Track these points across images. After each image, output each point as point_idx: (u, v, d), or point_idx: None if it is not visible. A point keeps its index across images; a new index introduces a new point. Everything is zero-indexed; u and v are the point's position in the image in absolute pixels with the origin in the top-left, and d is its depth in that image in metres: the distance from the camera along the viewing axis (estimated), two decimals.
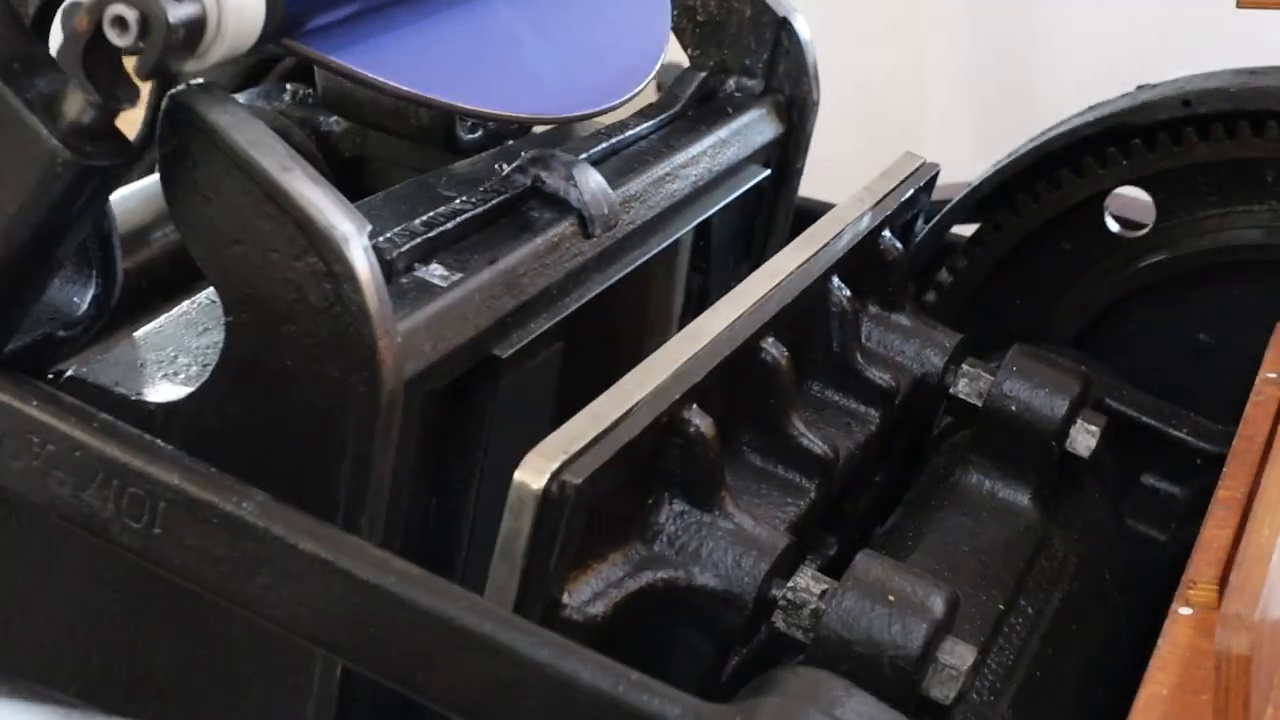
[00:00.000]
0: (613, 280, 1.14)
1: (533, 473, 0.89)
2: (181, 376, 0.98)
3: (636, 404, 0.97)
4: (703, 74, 1.36)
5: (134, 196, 1.26)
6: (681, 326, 1.33)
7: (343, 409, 0.89)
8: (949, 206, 1.54)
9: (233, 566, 0.89)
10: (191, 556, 0.90)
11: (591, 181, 1.11)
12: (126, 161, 0.91)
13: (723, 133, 1.31)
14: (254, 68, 1.62)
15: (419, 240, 1.01)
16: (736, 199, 1.33)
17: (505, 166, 1.13)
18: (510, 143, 1.34)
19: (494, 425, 1.04)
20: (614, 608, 0.96)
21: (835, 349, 1.22)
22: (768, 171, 1.38)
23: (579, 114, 1.11)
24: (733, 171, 1.32)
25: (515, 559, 0.90)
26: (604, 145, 1.22)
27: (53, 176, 0.88)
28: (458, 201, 1.08)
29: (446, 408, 1.02)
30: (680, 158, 1.25)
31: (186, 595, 0.93)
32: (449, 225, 1.04)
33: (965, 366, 1.30)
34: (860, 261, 1.27)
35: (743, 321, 1.09)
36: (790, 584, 1.00)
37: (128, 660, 1.03)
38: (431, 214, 1.05)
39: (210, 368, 0.93)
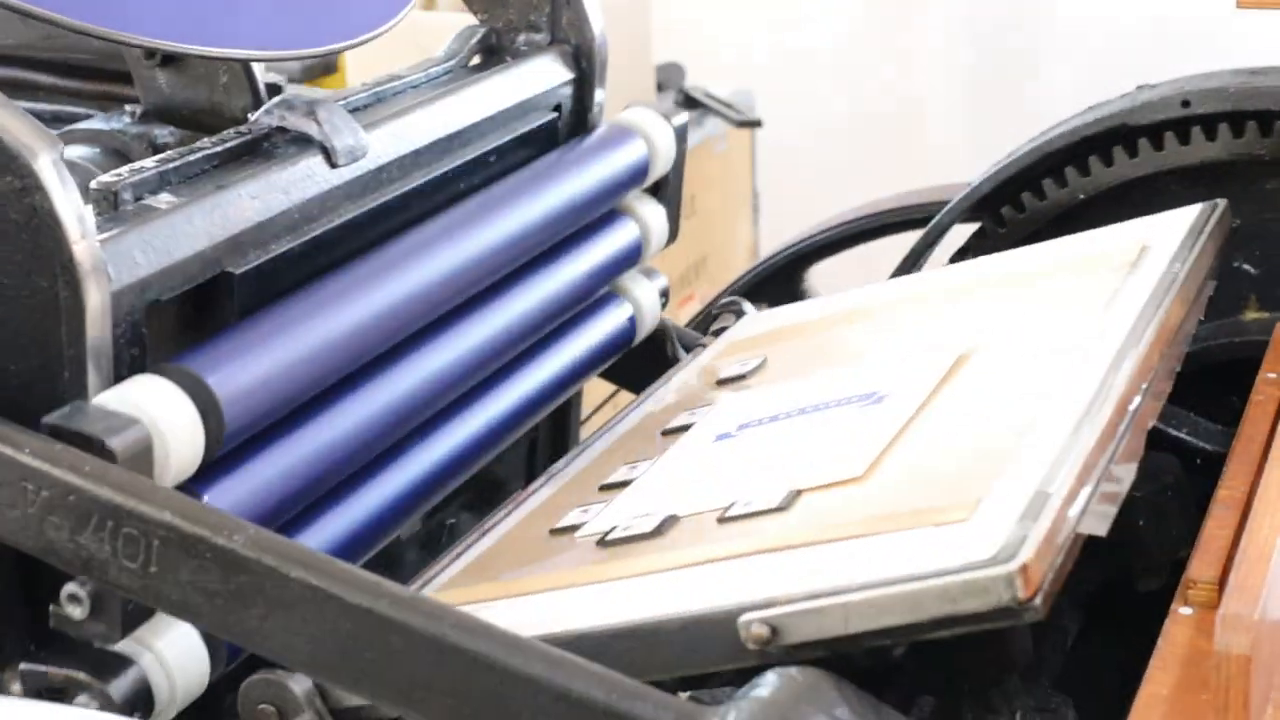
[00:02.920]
0: (369, 208, 1.18)
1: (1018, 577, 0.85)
2: None
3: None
4: (482, 30, 1.42)
5: None
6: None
7: (55, 319, 0.94)
8: (949, 206, 1.54)
9: (227, 600, 0.90)
10: (188, 593, 0.91)
11: (334, 116, 1.16)
12: None
13: (499, 79, 1.35)
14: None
15: (149, 174, 1.06)
16: (521, 140, 1.37)
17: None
18: None
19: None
20: None
21: None
22: (554, 114, 1.41)
23: (304, 52, 1.18)
24: (514, 114, 1.36)
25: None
26: (368, 94, 1.27)
27: None
28: (199, 143, 1.13)
29: (187, 324, 1.06)
30: (452, 100, 1.29)
31: None
32: (180, 161, 1.09)
33: None
34: None
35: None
36: None
37: None
38: (169, 154, 1.10)
39: None
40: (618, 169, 1.41)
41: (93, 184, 1.03)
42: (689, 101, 3.20)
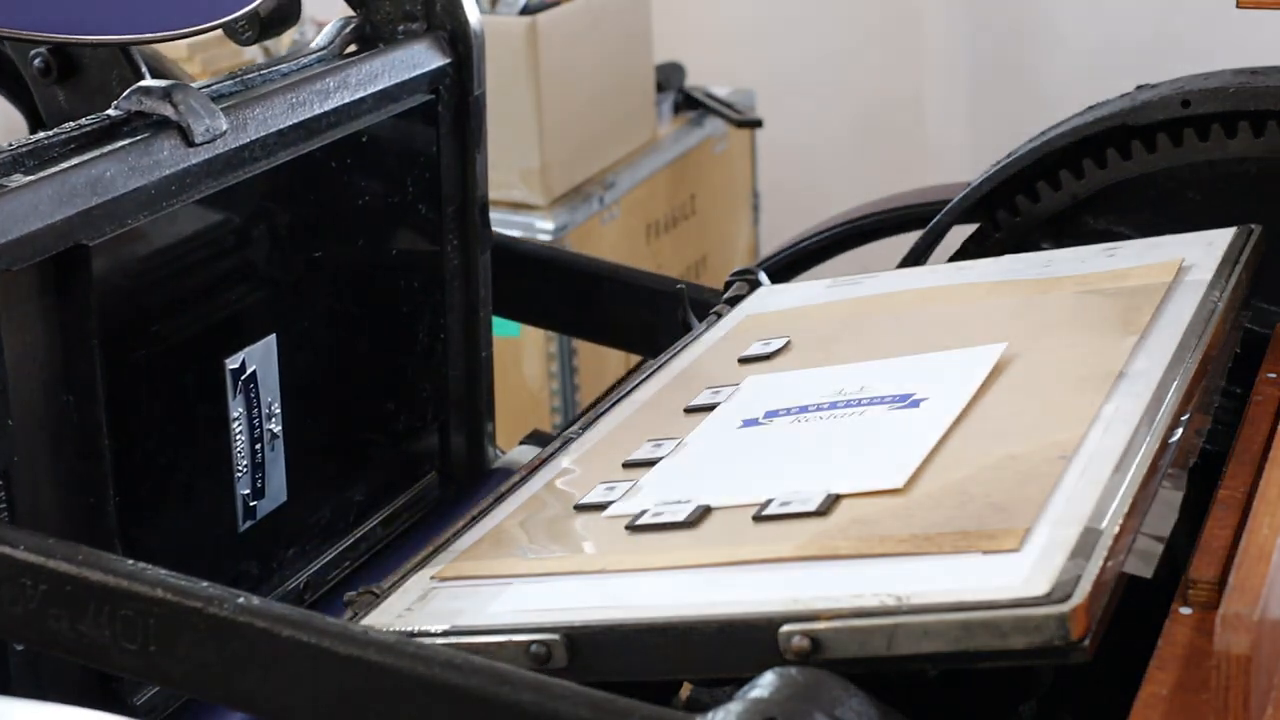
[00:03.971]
0: (229, 184, 1.23)
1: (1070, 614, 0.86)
2: None
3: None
4: (356, 20, 1.45)
5: None
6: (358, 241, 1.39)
7: None
8: (948, 206, 1.54)
9: (225, 667, 0.92)
10: (188, 667, 0.93)
11: (190, 98, 1.20)
12: None
13: (368, 64, 1.39)
14: None
15: (2, 157, 1.10)
16: (395, 120, 1.41)
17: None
18: None
19: (100, 313, 1.11)
20: None
21: None
22: (430, 97, 1.45)
23: (179, 32, 1.22)
24: (387, 96, 1.39)
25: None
26: (233, 81, 1.31)
27: None
28: (58, 129, 1.16)
29: (45, 292, 1.10)
30: (318, 84, 1.33)
31: None
32: (35, 145, 1.13)
33: None
34: None
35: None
36: None
37: None
38: (25, 139, 1.14)
39: None
40: None
41: None
42: (689, 101, 3.20)
